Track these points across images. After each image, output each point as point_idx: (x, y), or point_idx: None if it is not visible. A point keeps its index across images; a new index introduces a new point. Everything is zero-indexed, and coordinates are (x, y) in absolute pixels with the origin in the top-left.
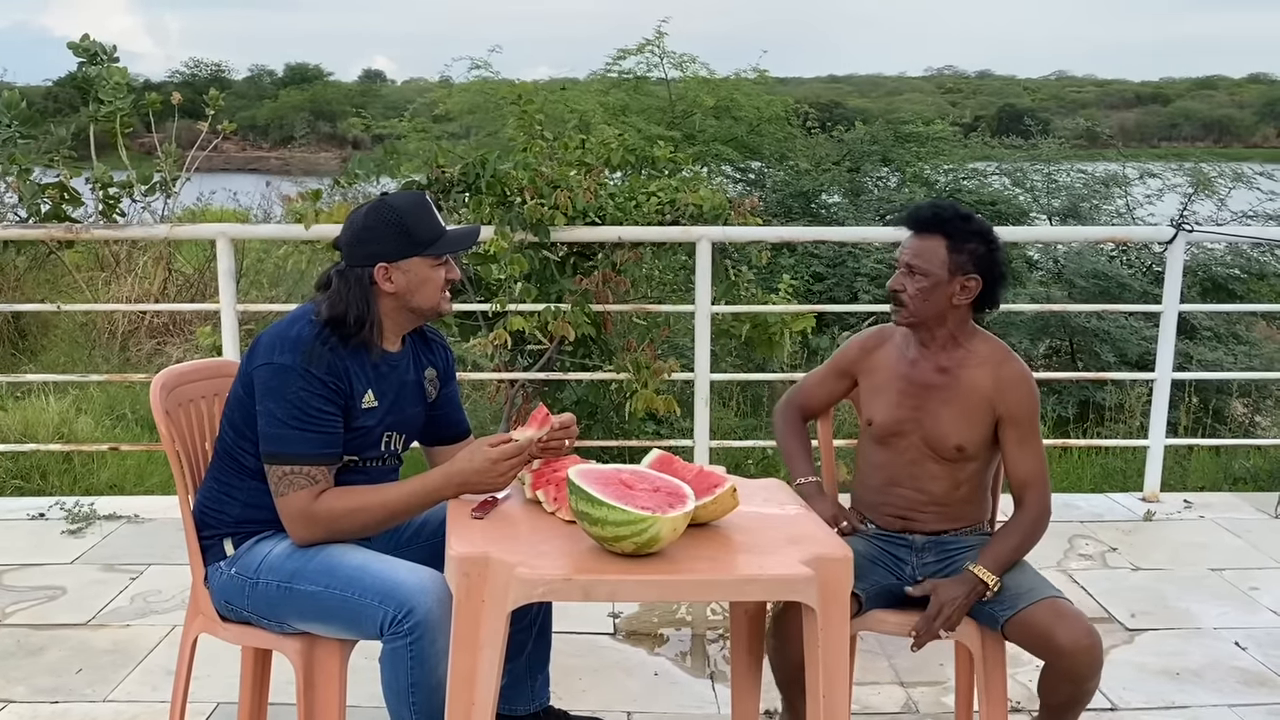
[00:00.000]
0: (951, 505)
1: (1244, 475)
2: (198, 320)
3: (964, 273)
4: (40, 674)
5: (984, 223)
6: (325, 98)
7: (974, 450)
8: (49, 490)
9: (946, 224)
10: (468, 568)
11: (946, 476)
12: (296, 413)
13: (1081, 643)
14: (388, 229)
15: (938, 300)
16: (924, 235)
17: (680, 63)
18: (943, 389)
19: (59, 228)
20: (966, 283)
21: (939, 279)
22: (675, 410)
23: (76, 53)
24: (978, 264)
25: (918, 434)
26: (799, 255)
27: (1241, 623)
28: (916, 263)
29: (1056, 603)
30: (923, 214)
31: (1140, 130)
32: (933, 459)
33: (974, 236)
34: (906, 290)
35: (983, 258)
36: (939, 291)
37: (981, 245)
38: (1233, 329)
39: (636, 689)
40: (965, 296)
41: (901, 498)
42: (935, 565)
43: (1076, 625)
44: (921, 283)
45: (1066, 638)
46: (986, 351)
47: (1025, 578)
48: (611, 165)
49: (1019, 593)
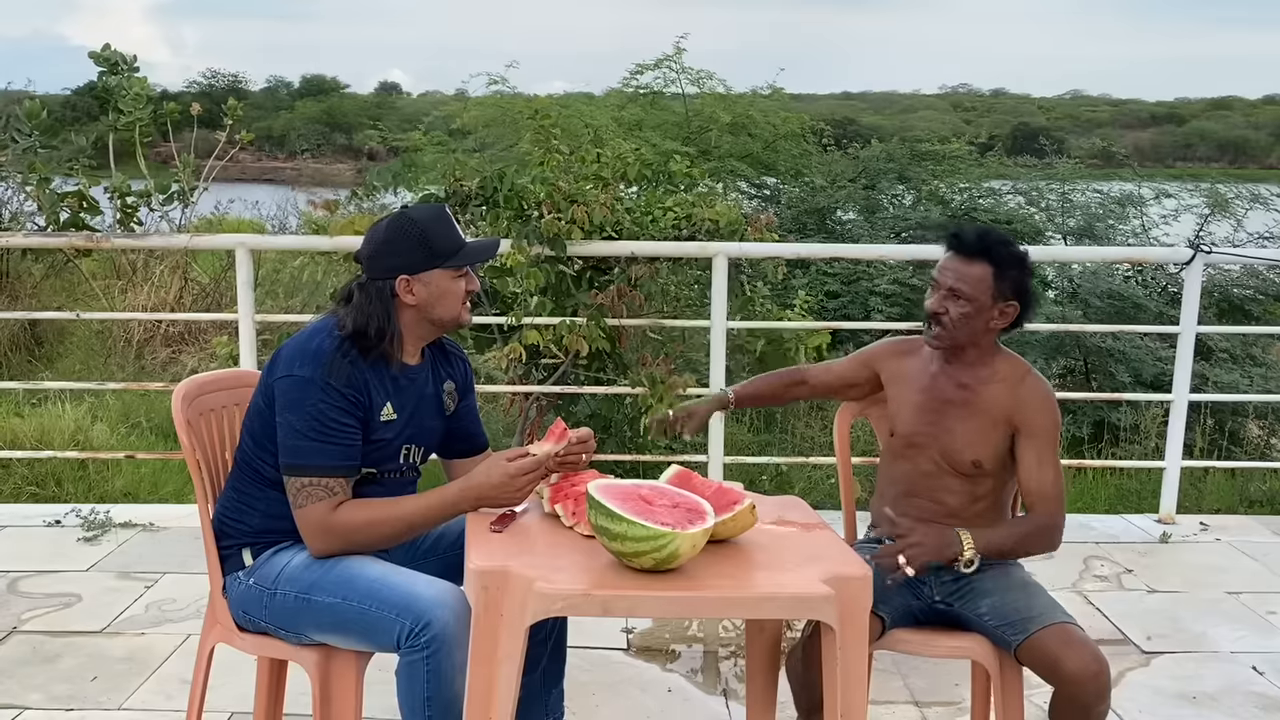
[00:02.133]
0: (967, 521)
1: (1260, 498)
2: (213, 330)
3: (1005, 299)
4: (55, 681)
5: (1022, 250)
6: (341, 109)
7: (991, 466)
8: (64, 497)
9: (992, 250)
10: (487, 581)
11: (963, 491)
12: (316, 425)
13: (1088, 670)
14: (408, 241)
15: (978, 325)
16: (969, 260)
17: (697, 79)
18: (962, 405)
19: (79, 236)
20: (1006, 309)
21: (983, 305)
22: None
23: (98, 62)
24: (1017, 290)
25: (935, 448)
26: (813, 273)
27: (1258, 647)
28: (961, 287)
29: (1065, 628)
30: (969, 238)
31: (1155, 150)
32: (950, 473)
33: (1016, 263)
34: (949, 313)
35: (1022, 285)
36: (981, 316)
37: (1020, 271)
38: (1249, 350)
39: (651, 705)
40: (1003, 321)
41: (917, 509)
42: (953, 585)
43: (1083, 652)
44: (965, 308)
45: (1073, 665)
46: (1008, 369)
47: (1037, 601)
48: (628, 180)
49: (1030, 616)
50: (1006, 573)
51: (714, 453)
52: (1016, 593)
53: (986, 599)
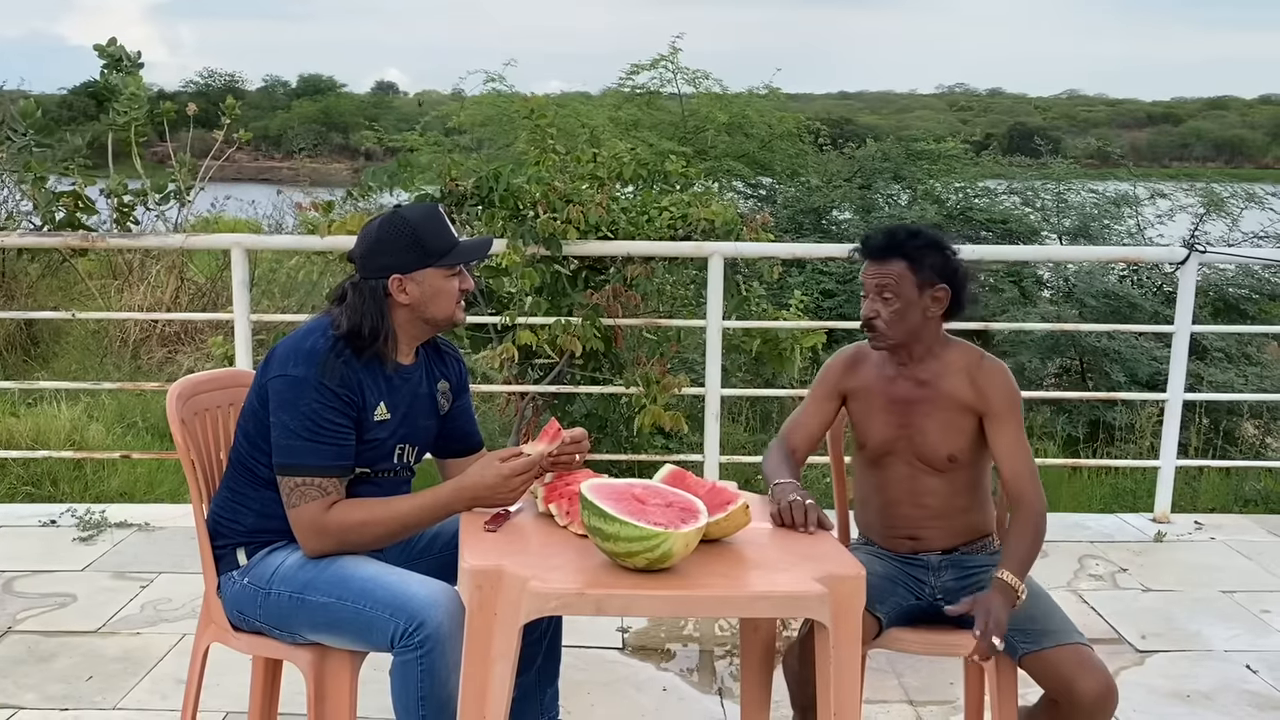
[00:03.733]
0: (953, 517)
1: (1255, 497)
2: (209, 329)
3: (932, 285)
4: (50, 681)
5: (935, 233)
6: (338, 109)
7: (966, 457)
8: (59, 497)
9: (903, 245)
10: (481, 580)
11: (942, 489)
12: (309, 425)
13: (1102, 696)
14: (401, 241)
15: (913, 319)
16: (884, 261)
17: (693, 79)
18: (924, 402)
19: (75, 236)
20: (936, 294)
21: (910, 298)
22: (683, 427)
23: (102, 55)
24: (942, 274)
25: (909, 451)
26: (809, 272)
27: (1253, 646)
28: (885, 287)
29: (1081, 650)
30: (878, 241)
31: (1151, 150)
32: (927, 473)
33: (930, 249)
34: (880, 315)
35: (944, 267)
36: (912, 310)
37: (940, 255)
38: (1244, 350)
39: (646, 704)
40: (938, 308)
41: (903, 517)
42: (955, 584)
43: (1099, 677)
44: (895, 305)
45: (1088, 689)
46: (960, 357)
47: (1051, 617)
48: (623, 179)
49: (1044, 630)
50: None
51: (709, 452)
52: (1031, 601)
53: None
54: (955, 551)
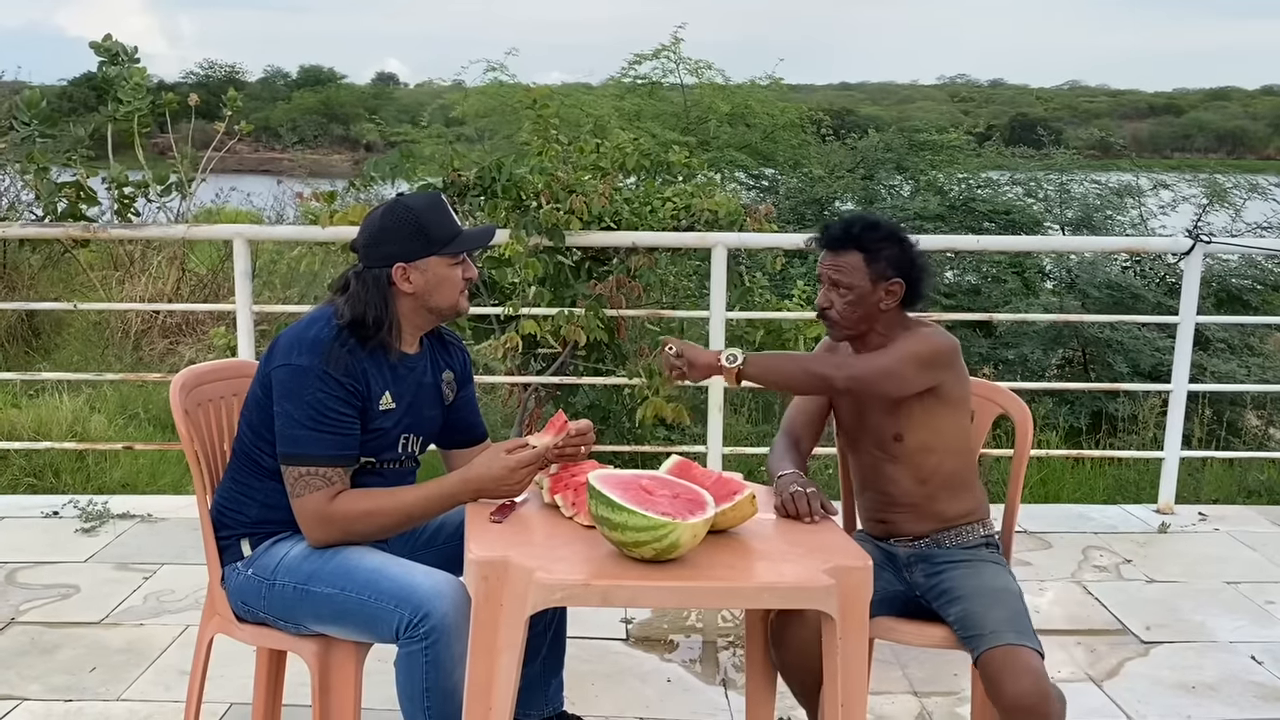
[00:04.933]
0: (920, 505)
1: (1258, 488)
2: (210, 321)
3: (885, 278)
4: (54, 672)
5: (893, 226)
6: (338, 100)
7: (914, 436)
8: (62, 488)
9: (859, 237)
10: (487, 571)
11: (904, 474)
12: (313, 414)
13: (1024, 700)
14: (404, 229)
15: (865, 309)
16: (840, 252)
17: (696, 69)
18: None
19: (77, 227)
20: (890, 287)
21: (863, 290)
22: (685, 419)
23: (98, 52)
24: (896, 267)
25: (869, 437)
26: (811, 263)
27: (1257, 637)
28: (839, 278)
29: (1012, 651)
30: (834, 232)
31: (1154, 141)
32: (886, 459)
33: (887, 242)
34: (834, 306)
35: (899, 260)
36: (865, 301)
37: (896, 248)
38: (1246, 341)
39: (650, 695)
40: (891, 300)
41: (872, 500)
42: (926, 582)
43: (1025, 680)
44: (848, 296)
45: (1010, 692)
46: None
47: (995, 615)
48: (626, 170)
49: (984, 632)
50: (979, 573)
51: (712, 443)
52: (980, 600)
53: (956, 605)
54: (925, 539)
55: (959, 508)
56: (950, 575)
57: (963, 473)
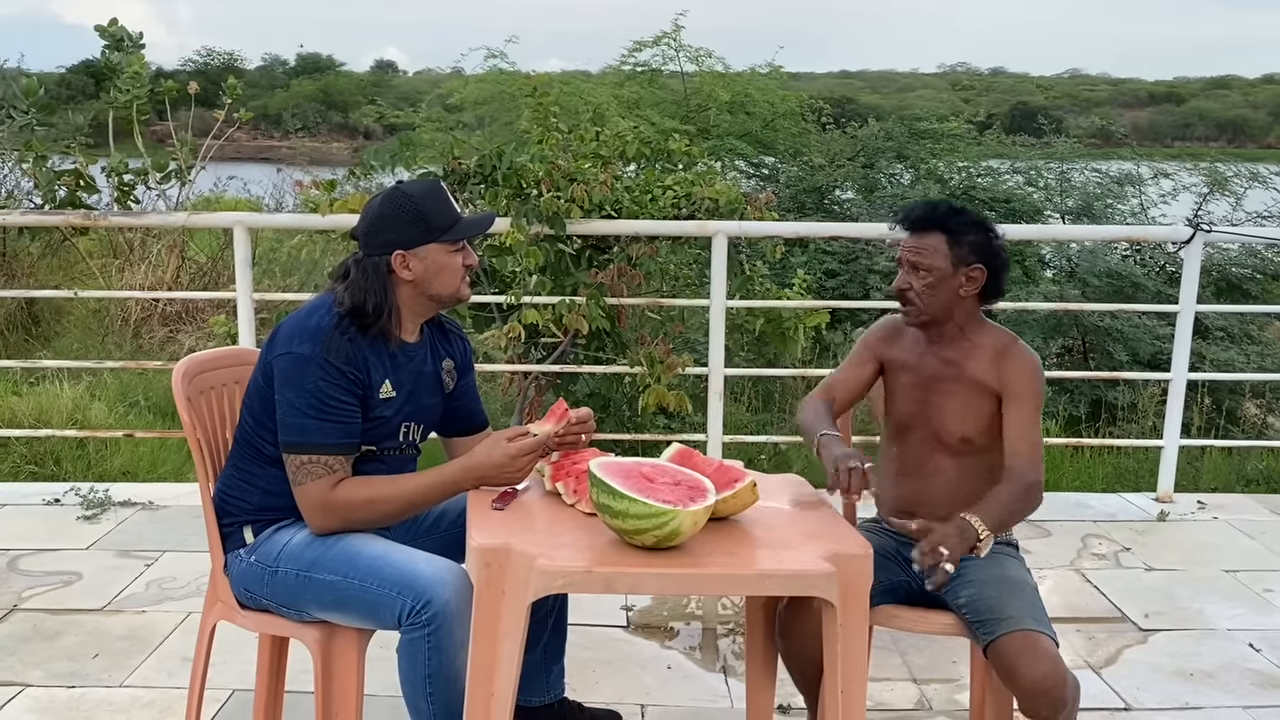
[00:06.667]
0: (956, 502)
1: (1257, 477)
2: (210, 309)
3: (967, 264)
4: (57, 659)
5: (978, 214)
6: (337, 88)
7: (980, 441)
8: (62, 476)
9: (943, 220)
10: (489, 558)
11: (953, 471)
12: (315, 402)
13: (1043, 683)
14: (403, 216)
15: (945, 294)
16: (922, 234)
17: (696, 57)
18: (948, 381)
19: (77, 214)
20: (971, 273)
21: (944, 273)
22: (686, 407)
23: (103, 36)
24: (979, 254)
25: (925, 428)
26: (812, 252)
27: (1255, 624)
28: (920, 260)
29: (1029, 636)
30: (918, 213)
31: (1154, 130)
32: (941, 451)
33: (971, 228)
34: (913, 288)
35: (983, 247)
36: (945, 285)
37: (980, 235)
38: (1246, 329)
39: (650, 682)
40: (972, 287)
41: (908, 487)
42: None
43: (1042, 663)
44: (927, 279)
45: (1029, 675)
46: (992, 340)
47: (1012, 602)
48: (627, 158)
49: (999, 618)
50: (998, 563)
51: (713, 432)
52: (996, 588)
53: (967, 589)
54: None
55: None
56: (967, 563)
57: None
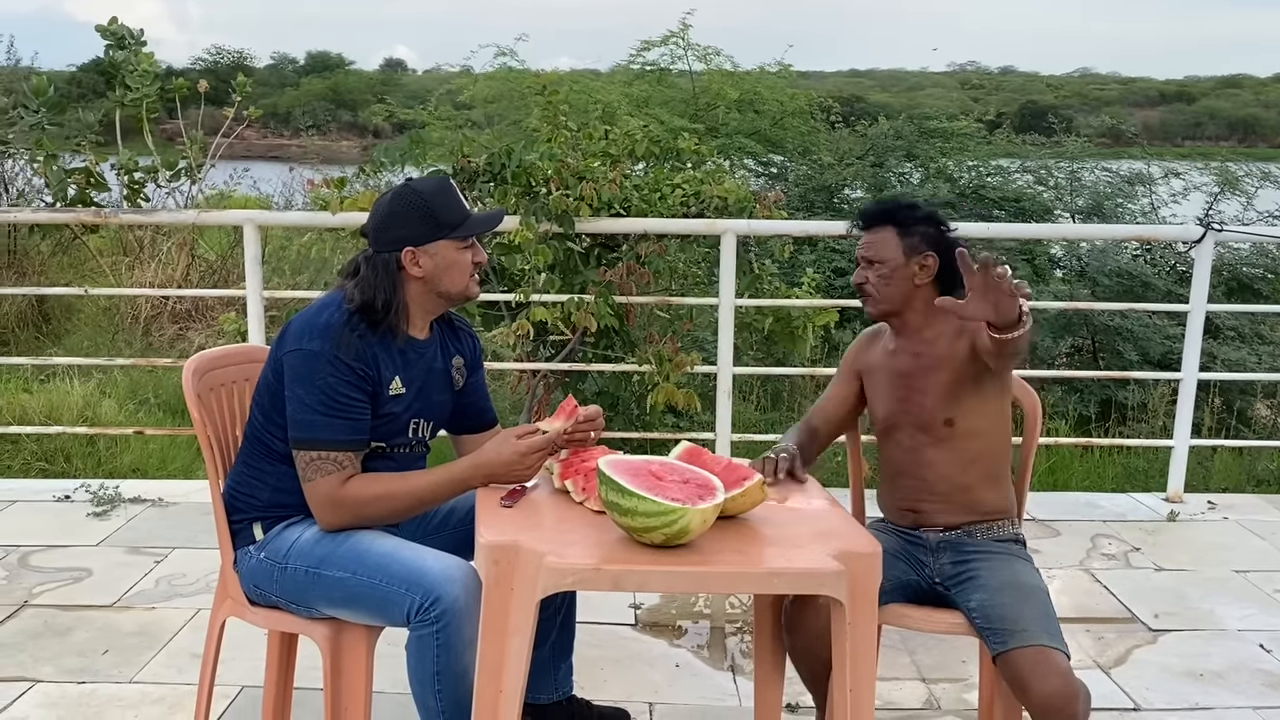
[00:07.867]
0: (954, 493)
1: (1268, 477)
2: (219, 306)
3: (919, 253)
4: (67, 654)
5: (929, 208)
6: (346, 86)
7: (966, 421)
8: (73, 473)
9: (893, 214)
10: (497, 555)
11: (945, 459)
12: (325, 399)
13: (1055, 700)
14: (413, 213)
15: (900, 284)
16: (875, 229)
17: (704, 55)
18: (921, 371)
19: (88, 212)
20: (924, 261)
21: (897, 263)
22: (695, 405)
23: (104, 35)
24: (930, 243)
25: (910, 422)
26: (820, 250)
27: (1266, 625)
28: (873, 254)
29: (1042, 652)
30: (869, 210)
31: (1164, 129)
32: (930, 443)
33: (921, 220)
34: (869, 281)
35: (934, 237)
36: (899, 275)
37: (930, 226)
38: (1257, 329)
39: (658, 680)
40: (926, 275)
41: (907, 487)
42: (952, 568)
43: (1055, 680)
44: (881, 270)
45: (1040, 692)
46: (951, 323)
47: (1025, 612)
48: (636, 156)
49: (1013, 630)
50: (1010, 566)
51: (721, 430)
52: (1009, 594)
53: (979, 593)
54: (957, 529)
55: (993, 502)
56: (978, 564)
57: (1001, 464)
